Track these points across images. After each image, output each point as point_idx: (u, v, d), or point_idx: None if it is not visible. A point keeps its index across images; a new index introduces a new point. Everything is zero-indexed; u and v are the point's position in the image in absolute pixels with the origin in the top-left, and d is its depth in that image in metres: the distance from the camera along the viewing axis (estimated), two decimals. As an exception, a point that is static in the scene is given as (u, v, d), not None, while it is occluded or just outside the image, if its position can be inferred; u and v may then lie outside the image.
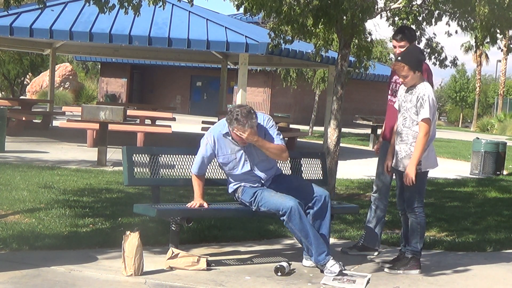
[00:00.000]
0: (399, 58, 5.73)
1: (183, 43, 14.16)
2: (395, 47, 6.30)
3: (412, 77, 5.63)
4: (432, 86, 6.16)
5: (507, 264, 6.37)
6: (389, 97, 6.36)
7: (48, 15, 14.44)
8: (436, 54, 10.19)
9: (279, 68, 24.84)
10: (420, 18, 9.82)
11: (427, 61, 10.03)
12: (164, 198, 7.68)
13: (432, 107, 5.58)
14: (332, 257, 5.53)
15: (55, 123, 19.21)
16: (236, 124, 5.58)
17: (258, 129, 5.70)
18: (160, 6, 7.72)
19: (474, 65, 57.54)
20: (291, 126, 20.41)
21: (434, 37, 10.25)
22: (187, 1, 8.06)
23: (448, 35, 10.31)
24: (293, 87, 25.18)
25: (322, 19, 9.50)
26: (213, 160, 5.91)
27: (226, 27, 14.77)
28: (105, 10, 7.34)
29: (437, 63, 10.21)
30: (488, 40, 9.16)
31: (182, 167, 6.02)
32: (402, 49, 6.05)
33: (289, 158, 6.03)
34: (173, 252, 5.47)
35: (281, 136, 5.82)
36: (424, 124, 5.56)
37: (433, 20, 9.79)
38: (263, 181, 5.84)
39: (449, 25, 9.99)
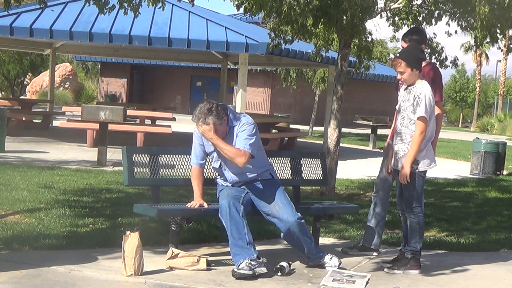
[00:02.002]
0: (397, 54, 5.76)
1: (183, 43, 14.16)
2: (403, 47, 6.27)
3: (409, 74, 5.64)
4: (441, 86, 6.17)
5: (507, 264, 6.37)
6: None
7: (48, 15, 14.45)
8: (436, 54, 10.19)
9: (279, 68, 24.83)
10: (420, 18, 9.82)
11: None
12: (164, 198, 7.68)
13: (428, 106, 5.57)
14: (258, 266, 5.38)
15: (55, 123, 19.21)
16: (193, 117, 5.66)
17: (231, 130, 5.68)
18: (160, 7, 7.71)
19: (474, 65, 57.61)
20: (291, 126, 20.42)
21: (434, 37, 10.26)
22: (188, 1, 8.05)
23: (448, 35, 10.31)
24: (293, 87, 25.17)
25: (322, 19, 9.51)
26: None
27: (226, 27, 14.77)
28: (105, 10, 7.34)
29: (438, 63, 10.21)
30: (488, 40, 9.16)
31: (182, 167, 6.01)
32: None
33: (244, 164, 5.61)
34: (173, 252, 5.47)
35: (250, 142, 5.61)
36: (420, 123, 5.56)
37: (433, 20, 9.79)
38: (230, 183, 5.82)
39: (449, 25, 9.99)
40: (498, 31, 8.96)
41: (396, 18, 9.94)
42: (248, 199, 5.73)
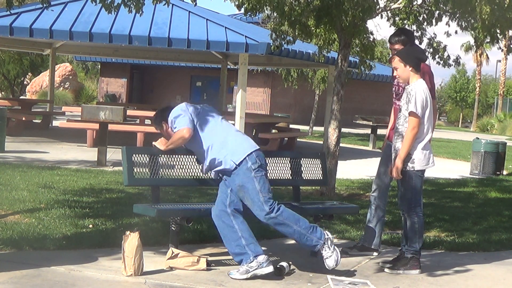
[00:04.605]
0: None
1: (183, 43, 14.15)
2: (391, 49, 6.38)
3: (402, 70, 5.72)
4: (434, 88, 6.19)
5: (507, 264, 6.37)
6: (393, 99, 6.39)
7: (48, 15, 14.43)
8: (439, 53, 10.17)
9: (279, 69, 24.82)
10: (420, 18, 9.81)
11: (430, 60, 10.06)
12: (164, 198, 7.67)
13: (419, 102, 5.57)
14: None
15: (55, 123, 19.20)
16: None
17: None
18: (165, 4, 7.71)
19: (474, 65, 57.69)
20: (291, 126, 20.42)
21: (435, 37, 10.25)
22: (190, 1, 8.04)
23: (447, 35, 10.30)
24: (294, 87, 25.16)
25: (324, 19, 9.50)
26: None
27: (226, 27, 14.77)
28: (111, 10, 7.33)
29: (441, 62, 10.20)
30: (488, 40, 9.15)
31: (182, 167, 6.01)
32: None
33: (186, 138, 5.56)
34: (173, 252, 5.47)
35: (176, 120, 5.59)
36: (411, 118, 5.59)
37: (434, 20, 9.78)
38: (204, 173, 5.76)
39: (449, 25, 9.98)
40: (498, 31, 8.96)
41: (397, 18, 9.93)
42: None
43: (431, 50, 10.15)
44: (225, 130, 5.67)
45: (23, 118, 17.02)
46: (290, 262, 5.61)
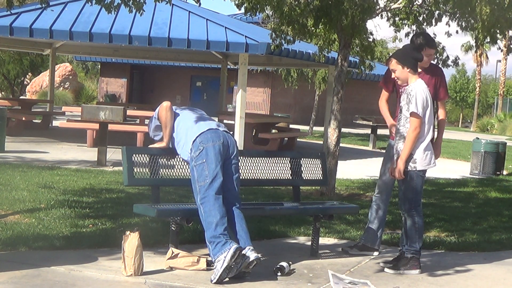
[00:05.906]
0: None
1: (183, 43, 14.15)
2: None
3: (400, 71, 5.73)
4: (446, 90, 6.26)
5: (507, 264, 6.37)
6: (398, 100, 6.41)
7: (48, 15, 14.44)
8: (437, 54, 10.19)
9: (280, 69, 24.81)
10: (420, 19, 9.82)
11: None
12: (164, 198, 7.67)
13: (420, 102, 5.58)
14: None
15: (55, 123, 19.21)
16: None
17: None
18: (167, 3, 7.72)
19: (474, 65, 57.77)
20: (291, 126, 20.42)
21: (435, 37, 10.25)
22: (194, 2, 8.05)
23: (448, 36, 10.31)
24: (294, 87, 25.16)
25: (322, 19, 9.50)
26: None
27: (226, 27, 14.77)
28: (111, 10, 7.33)
29: (440, 63, 10.21)
30: (488, 40, 9.16)
31: (182, 167, 6.01)
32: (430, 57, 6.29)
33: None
34: (173, 252, 5.47)
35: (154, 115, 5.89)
36: (412, 119, 5.59)
37: (434, 21, 9.79)
38: None
39: (449, 26, 9.99)
40: (498, 31, 8.96)
41: (397, 19, 9.94)
42: None
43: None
44: (186, 121, 5.75)
45: (23, 118, 17.02)
46: (290, 262, 5.61)
